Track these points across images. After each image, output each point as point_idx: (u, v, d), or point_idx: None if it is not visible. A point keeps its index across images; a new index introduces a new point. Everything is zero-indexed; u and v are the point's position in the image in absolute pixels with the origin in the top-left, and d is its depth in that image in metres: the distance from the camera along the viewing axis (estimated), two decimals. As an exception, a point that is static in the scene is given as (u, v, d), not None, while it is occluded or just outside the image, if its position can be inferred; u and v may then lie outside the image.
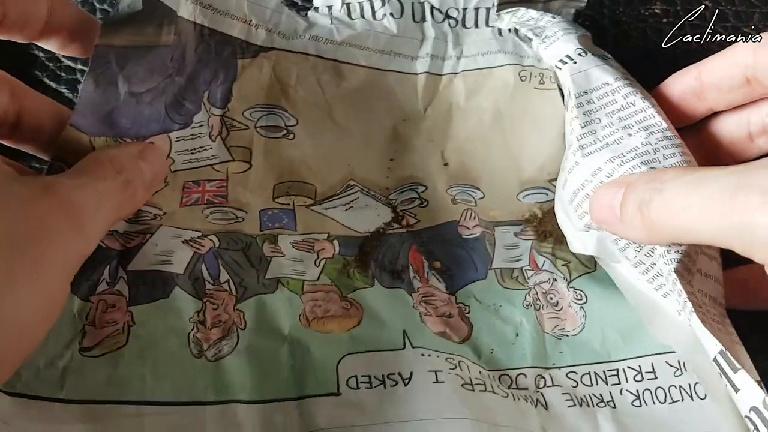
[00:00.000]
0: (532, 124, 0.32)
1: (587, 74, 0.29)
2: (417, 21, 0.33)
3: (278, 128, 0.32)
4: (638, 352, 0.27)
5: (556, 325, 0.29)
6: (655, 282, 0.26)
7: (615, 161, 0.26)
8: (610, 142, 0.27)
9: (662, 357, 0.27)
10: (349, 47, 0.33)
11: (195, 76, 0.30)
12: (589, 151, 0.27)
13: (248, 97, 0.31)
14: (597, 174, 0.26)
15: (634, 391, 0.27)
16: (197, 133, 0.30)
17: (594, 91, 0.28)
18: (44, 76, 0.34)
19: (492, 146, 0.33)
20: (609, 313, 0.28)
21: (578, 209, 0.27)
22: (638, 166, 0.25)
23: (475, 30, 0.34)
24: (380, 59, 0.33)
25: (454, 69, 0.34)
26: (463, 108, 0.33)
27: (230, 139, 0.31)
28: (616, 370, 0.27)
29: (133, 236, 0.28)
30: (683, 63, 0.29)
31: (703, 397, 0.26)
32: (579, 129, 0.27)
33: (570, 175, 0.27)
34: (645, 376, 0.27)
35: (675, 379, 0.27)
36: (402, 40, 0.33)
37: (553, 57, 0.30)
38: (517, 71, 0.33)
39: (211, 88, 0.30)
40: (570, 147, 0.28)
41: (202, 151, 0.30)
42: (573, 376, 0.27)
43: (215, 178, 0.30)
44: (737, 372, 0.21)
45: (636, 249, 0.25)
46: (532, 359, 0.28)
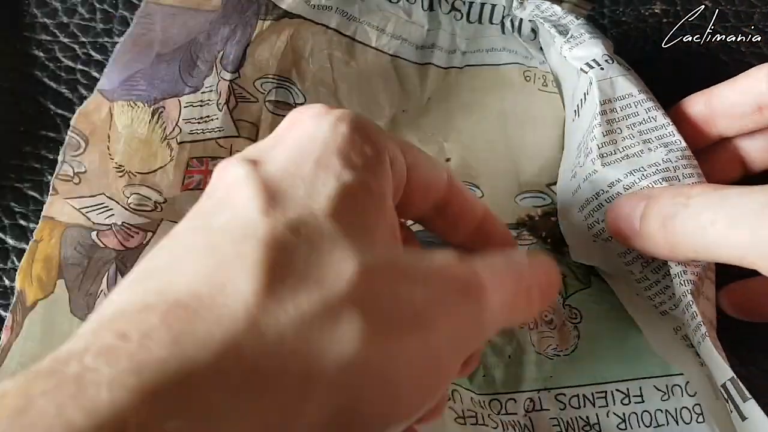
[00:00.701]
0: (533, 126, 0.32)
1: (613, 82, 0.28)
2: (425, 9, 0.33)
3: (287, 105, 0.32)
4: (627, 375, 0.28)
5: (549, 344, 0.29)
6: (656, 299, 0.26)
7: (636, 174, 0.26)
8: (630, 154, 0.26)
9: (651, 381, 0.28)
10: (367, 26, 0.33)
11: (214, 31, 0.29)
12: (609, 160, 0.27)
13: (260, 64, 0.31)
14: (615, 185, 0.26)
15: (620, 414, 0.27)
16: (206, 100, 0.29)
17: (618, 101, 0.28)
18: (44, 76, 0.34)
19: (494, 145, 0.33)
20: (602, 334, 0.29)
21: (589, 218, 0.27)
22: (659, 182, 0.25)
23: (480, 26, 0.34)
24: (389, 42, 0.33)
25: (459, 63, 0.34)
26: (467, 103, 0.33)
27: (238, 112, 0.30)
28: (605, 392, 0.28)
29: (132, 231, 0.27)
30: (683, 63, 0.29)
31: (688, 422, 0.27)
32: (600, 137, 0.27)
33: (585, 182, 0.27)
34: (632, 399, 0.27)
35: (662, 404, 0.27)
36: (412, 26, 0.33)
37: (579, 59, 0.29)
38: (522, 71, 0.33)
39: (227, 47, 0.30)
40: (589, 154, 0.27)
41: (208, 122, 0.29)
42: (562, 398, 0.27)
43: (219, 155, 0.29)
44: (747, 401, 0.21)
45: (643, 264, 0.26)
46: (524, 382, 0.28)
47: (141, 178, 0.28)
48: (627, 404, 0.27)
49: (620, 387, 0.27)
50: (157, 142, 0.28)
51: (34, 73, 0.34)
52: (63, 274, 0.26)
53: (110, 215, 0.27)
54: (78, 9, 0.35)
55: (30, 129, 0.33)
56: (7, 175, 0.32)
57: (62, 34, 0.35)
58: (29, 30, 0.35)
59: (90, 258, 0.26)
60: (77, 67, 0.34)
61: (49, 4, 0.35)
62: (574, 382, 0.28)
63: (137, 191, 0.28)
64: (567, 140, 0.31)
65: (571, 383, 0.28)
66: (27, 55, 0.34)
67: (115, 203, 0.27)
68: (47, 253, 0.26)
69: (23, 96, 0.34)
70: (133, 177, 0.28)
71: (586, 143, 0.28)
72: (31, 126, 0.33)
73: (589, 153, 0.27)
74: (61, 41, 0.35)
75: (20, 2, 0.35)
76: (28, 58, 0.34)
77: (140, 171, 0.28)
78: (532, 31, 0.33)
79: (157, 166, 0.28)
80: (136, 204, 0.27)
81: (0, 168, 0.32)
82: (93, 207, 0.27)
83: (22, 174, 0.32)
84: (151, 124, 0.28)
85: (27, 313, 0.25)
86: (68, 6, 0.36)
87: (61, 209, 0.27)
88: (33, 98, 0.33)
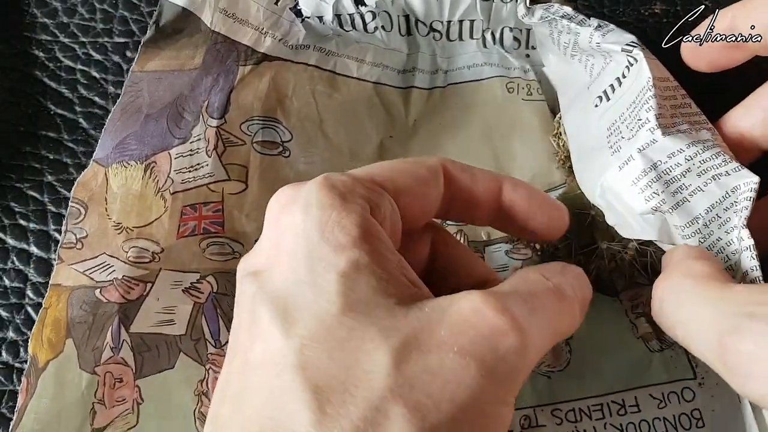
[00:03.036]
0: (520, 137, 0.32)
1: (656, 63, 0.28)
2: (403, 35, 0.34)
3: (274, 144, 0.32)
4: (621, 386, 0.28)
5: (542, 362, 0.29)
6: None
7: (697, 146, 0.25)
8: (681, 129, 0.26)
9: (646, 390, 0.28)
10: (346, 59, 0.33)
11: (197, 82, 0.30)
12: (668, 132, 0.26)
13: (245, 108, 0.32)
14: (675, 155, 0.25)
15: (618, 425, 0.27)
16: (195, 148, 0.30)
17: (661, 81, 0.27)
18: (44, 76, 0.34)
19: (482, 159, 0.33)
20: (593, 349, 0.29)
21: (646, 190, 0.25)
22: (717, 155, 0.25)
23: (460, 43, 0.34)
24: (370, 71, 0.34)
25: (441, 83, 0.34)
26: (452, 122, 0.34)
27: (226, 156, 0.31)
28: (600, 405, 0.28)
29: (132, 284, 0.28)
30: (683, 63, 0.29)
31: (688, 428, 0.27)
32: (657, 108, 0.26)
33: (639, 154, 0.26)
34: (629, 410, 0.27)
35: (659, 411, 0.27)
36: (392, 53, 0.34)
37: (616, 42, 0.29)
38: (504, 83, 0.33)
39: (211, 96, 0.31)
40: (644, 125, 0.26)
41: (198, 169, 0.30)
42: (558, 414, 0.27)
43: (211, 200, 0.30)
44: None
45: (701, 240, 0.25)
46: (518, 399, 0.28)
47: (138, 231, 0.29)
48: (623, 415, 0.27)
49: (615, 398, 0.27)
50: (151, 195, 0.29)
51: (34, 73, 0.34)
52: (71, 334, 0.27)
53: (112, 271, 0.28)
54: (78, 9, 0.36)
55: (30, 129, 0.33)
56: (7, 175, 0.32)
57: (62, 34, 0.35)
58: (29, 30, 0.35)
59: (95, 314, 0.27)
60: (77, 67, 0.34)
61: (49, 4, 0.36)
62: (568, 396, 0.28)
63: (135, 244, 0.29)
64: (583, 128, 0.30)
65: (565, 398, 0.28)
66: (27, 55, 0.34)
67: (115, 260, 0.28)
68: (55, 317, 0.27)
69: (23, 96, 0.34)
70: (131, 232, 0.29)
71: (634, 117, 0.27)
72: (31, 126, 0.33)
73: (644, 124, 0.26)
74: (61, 41, 0.35)
75: (20, 2, 0.36)
76: (28, 58, 0.34)
77: (137, 225, 0.29)
78: (515, 39, 0.33)
79: (153, 218, 0.29)
80: (135, 257, 0.28)
81: (0, 168, 0.32)
82: (96, 267, 0.28)
83: (22, 174, 0.32)
84: (145, 180, 0.29)
85: (40, 374, 0.26)
86: (68, 6, 0.36)
87: (67, 275, 0.28)
88: (33, 98, 0.34)
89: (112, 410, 0.26)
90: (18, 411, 0.26)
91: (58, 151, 0.33)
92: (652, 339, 0.28)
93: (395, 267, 0.20)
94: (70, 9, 0.36)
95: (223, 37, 0.32)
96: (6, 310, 0.30)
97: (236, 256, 0.30)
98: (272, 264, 0.20)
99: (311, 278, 0.19)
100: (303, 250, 0.19)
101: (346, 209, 0.20)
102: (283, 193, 0.21)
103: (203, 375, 0.27)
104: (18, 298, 0.30)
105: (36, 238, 0.31)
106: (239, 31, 0.32)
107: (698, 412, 0.27)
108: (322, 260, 0.19)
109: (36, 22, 0.35)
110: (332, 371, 0.17)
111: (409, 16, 0.33)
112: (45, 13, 0.35)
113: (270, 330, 0.18)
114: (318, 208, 0.20)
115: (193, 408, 0.26)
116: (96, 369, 0.26)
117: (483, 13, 0.33)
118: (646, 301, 0.29)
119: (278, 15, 0.32)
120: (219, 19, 0.32)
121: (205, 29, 0.32)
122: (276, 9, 0.32)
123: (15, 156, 0.32)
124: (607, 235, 0.26)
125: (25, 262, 0.31)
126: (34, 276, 0.30)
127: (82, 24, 0.35)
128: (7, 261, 0.30)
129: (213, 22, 0.32)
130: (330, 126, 0.33)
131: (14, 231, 0.31)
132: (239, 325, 0.20)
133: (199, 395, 0.26)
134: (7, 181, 0.32)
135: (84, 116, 0.33)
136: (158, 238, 0.29)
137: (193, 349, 0.27)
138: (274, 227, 0.21)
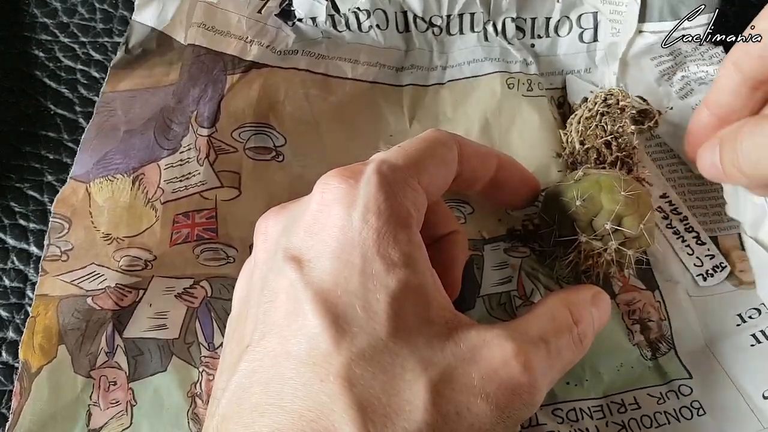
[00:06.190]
0: (520, 134, 0.32)
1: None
2: (401, 32, 0.33)
3: (267, 149, 0.32)
4: (620, 387, 0.28)
5: None
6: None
7: None
8: None
9: (644, 390, 0.28)
10: (338, 61, 0.33)
11: (184, 95, 0.31)
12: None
13: (236, 115, 0.32)
14: None
15: (620, 422, 0.27)
16: (185, 158, 0.30)
17: None
18: (44, 76, 0.34)
19: None
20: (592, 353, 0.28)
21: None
22: None
23: (461, 37, 0.34)
24: (366, 71, 0.34)
25: (440, 79, 0.34)
26: (451, 119, 0.33)
27: (218, 164, 0.31)
28: (600, 406, 0.28)
29: (125, 291, 0.28)
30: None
31: (689, 418, 0.27)
32: None
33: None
34: (629, 408, 0.27)
35: (659, 407, 0.27)
36: (388, 51, 0.34)
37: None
38: (505, 79, 0.33)
39: (200, 106, 0.31)
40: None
41: (190, 178, 0.30)
42: (558, 413, 0.28)
43: (204, 207, 0.30)
44: None
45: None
46: None
47: (129, 241, 0.29)
48: (624, 413, 0.27)
49: (615, 399, 0.28)
50: (141, 206, 0.29)
51: (34, 73, 0.34)
52: (63, 340, 0.27)
53: (103, 280, 0.28)
54: (78, 9, 0.36)
55: (30, 129, 0.33)
56: (7, 175, 0.32)
57: (62, 34, 0.35)
58: (29, 30, 0.35)
59: (88, 321, 0.27)
60: (77, 67, 0.34)
61: (49, 4, 0.36)
62: (568, 397, 0.28)
63: (127, 253, 0.29)
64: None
65: (565, 398, 0.28)
66: (27, 55, 0.35)
67: (105, 269, 0.28)
68: (45, 324, 0.27)
69: (23, 96, 0.34)
70: (122, 242, 0.29)
71: None
72: (31, 126, 0.33)
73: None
74: (61, 41, 0.35)
75: (20, 2, 0.36)
76: (28, 58, 0.35)
77: (127, 235, 0.29)
78: (519, 29, 0.33)
79: (144, 228, 0.29)
80: (126, 265, 0.29)
81: (0, 168, 0.32)
82: (84, 276, 0.28)
83: (22, 174, 0.32)
84: (133, 191, 0.29)
85: (33, 378, 0.27)
86: (68, 6, 0.36)
87: (53, 285, 0.28)
88: (33, 98, 0.34)
89: (107, 411, 0.26)
90: (13, 413, 0.26)
91: (58, 151, 0.33)
92: (646, 348, 0.28)
93: (433, 287, 0.21)
94: (70, 9, 0.36)
95: (206, 49, 0.32)
96: (6, 310, 0.30)
97: (230, 261, 0.30)
98: (317, 256, 0.20)
99: (363, 294, 0.20)
100: (357, 262, 0.20)
101: (400, 223, 0.21)
102: (337, 184, 0.21)
103: (196, 377, 0.27)
104: (18, 298, 0.30)
105: (36, 238, 0.31)
106: (222, 42, 0.32)
107: (698, 402, 0.27)
108: (374, 277, 0.20)
109: (36, 22, 0.35)
110: (376, 393, 0.18)
111: (407, 12, 0.33)
112: (45, 13, 0.35)
113: (319, 332, 0.19)
114: (376, 217, 0.20)
115: (186, 409, 0.26)
116: (91, 373, 0.27)
117: (483, 5, 0.33)
118: (642, 307, 0.29)
119: (263, 23, 0.32)
120: (198, 33, 0.32)
121: (179, 46, 0.32)
122: (260, 17, 0.33)
123: (15, 156, 0.32)
124: (588, 229, 0.26)
125: (25, 262, 0.31)
126: (34, 276, 0.30)
127: (82, 24, 0.35)
128: (7, 261, 0.31)
129: (188, 37, 0.32)
130: (326, 128, 0.33)
131: (14, 231, 0.31)
132: (271, 300, 0.20)
133: (192, 397, 0.27)
134: (7, 181, 0.32)
135: (84, 116, 0.33)
136: (150, 246, 0.29)
137: (186, 352, 0.28)
138: (325, 214, 0.21)
